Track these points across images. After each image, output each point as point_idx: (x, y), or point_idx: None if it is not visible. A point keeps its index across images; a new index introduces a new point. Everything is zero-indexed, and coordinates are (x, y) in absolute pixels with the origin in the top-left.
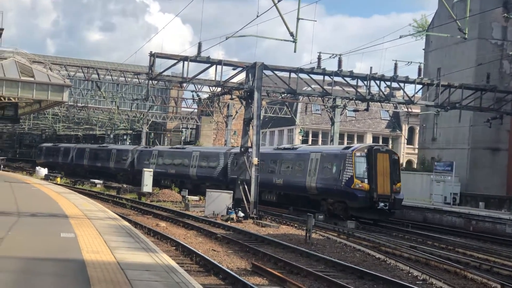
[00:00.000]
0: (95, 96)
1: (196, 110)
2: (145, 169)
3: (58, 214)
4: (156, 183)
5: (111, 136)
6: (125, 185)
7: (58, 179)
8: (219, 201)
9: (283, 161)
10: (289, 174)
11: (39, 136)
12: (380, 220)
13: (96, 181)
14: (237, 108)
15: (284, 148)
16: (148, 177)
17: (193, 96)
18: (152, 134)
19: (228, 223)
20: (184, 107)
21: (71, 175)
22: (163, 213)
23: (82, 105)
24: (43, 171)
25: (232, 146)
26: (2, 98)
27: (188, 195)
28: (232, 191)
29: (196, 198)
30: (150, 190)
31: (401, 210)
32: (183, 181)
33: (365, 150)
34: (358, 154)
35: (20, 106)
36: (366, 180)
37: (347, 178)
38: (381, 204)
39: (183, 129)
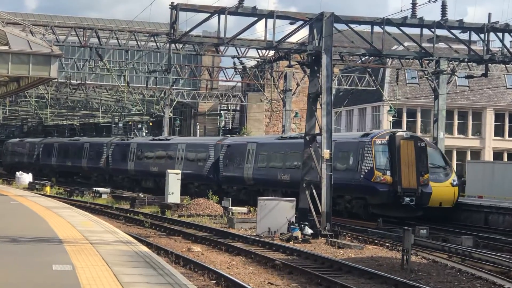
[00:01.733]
0: (95, 68)
1: (239, 85)
2: (169, 170)
3: (48, 238)
4: (135, 185)
5: (120, 124)
6: (141, 195)
7: (48, 188)
8: (276, 213)
9: (289, 153)
10: (297, 169)
11: (19, 128)
12: (406, 217)
13: (101, 189)
14: (299, 80)
15: (290, 138)
16: (174, 182)
17: (234, 64)
18: (179, 120)
19: (291, 244)
20: (222, 81)
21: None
22: (198, 233)
23: (78, 82)
24: (26, 177)
25: (225, 136)
26: None
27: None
28: (294, 199)
29: (244, 209)
30: (178, 201)
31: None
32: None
33: (387, 137)
34: (378, 142)
35: None
36: (388, 172)
37: (367, 170)
38: (407, 199)
39: (223, 112)
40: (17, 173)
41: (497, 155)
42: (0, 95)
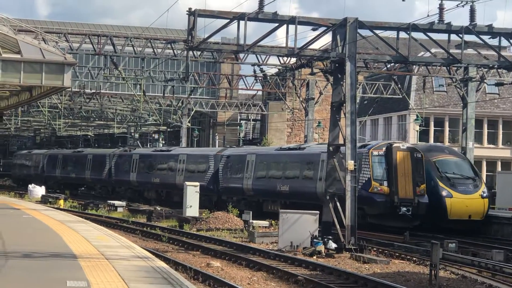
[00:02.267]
0: (110, 77)
1: (260, 93)
2: (187, 183)
3: (62, 253)
4: (138, 196)
5: (136, 135)
6: (158, 208)
7: (61, 202)
8: (299, 226)
9: (288, 164)
10: (296, 180)
11: (32, 140)
12: (403, 227)
13: (117, 202)
14: (321, 88)
15: (289, 149)
16: (192, 194)
17: (255, 72)
18: (197, 130)
19: (314, 259)
20: (242, 89)
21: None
22: (217, 247)
23: (92, 91)
24: (39, 190)
25: (225, 147)
26: None
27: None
28: (317, 212)
29: (265, 223)
30: (197, 214)
31: None
32: (169, 192)
33: (384, 149)
34: (375, 153)
35: (2, 97)
36: (385, 183)
37: (364, 181)
38: (403, 209)
39: (242, 122)
40: (29, 185)
41: None
42: (12, 105)
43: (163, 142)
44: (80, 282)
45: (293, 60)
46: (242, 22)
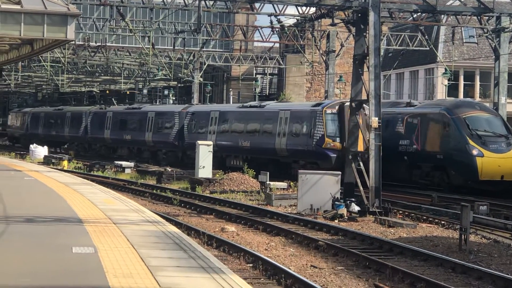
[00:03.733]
0: (116, 29)
1: (277, 46)
2: (200, 142)
3: (67, 217)
4: (112, 152)
5: (144, 91)
6: (169, 169)
7: (65, 163)
8: (319, 188)
9: (250, 121)
10: (256, 136)
11: (33, 96)
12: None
13: (124, 163)
14: (343, 40)
15: (251, 106)
16: (205, 154)
17: (271, 23)
18: (210, 85)
19: (335, 223)
20: (258, 42)
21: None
22: (232, 211)
23: (97, 44)
24: (41, 151)
25: (190, 104)
26: None
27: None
28: (338, 173)
29: (283, 184)
30: (210, 175)
31: None
32: (140, 148)
33: (337, 107)
34: (328, 111)
35: (2, 51)
36: (338, 139)
37: (318, 137)
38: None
39: (258, 76)
40: (31, 146)
41: None
42: (12, 59)
43: (174, 98)
44: (87, 248)
45: (313, 9)
46: None
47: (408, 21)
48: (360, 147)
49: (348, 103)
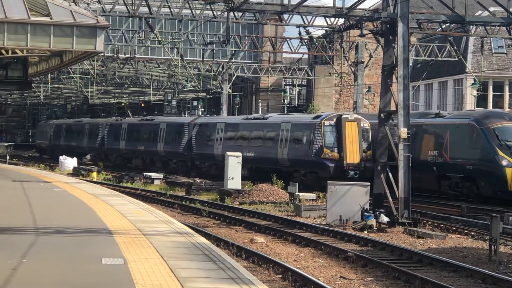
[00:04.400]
0: (145, 41)
1: (306, 57)
2: (229, 153)
3: (97, 228)
4: (127, 162)
5: (173, 102)
6: (198, 180)
7: (94, 174)
8: (348, 199)
9: (253, 132)
10: (259, 147)
11: (62, 108)
12: None
13: (153, 175)
14: (371, 51)
15: (254, 118)
16: (234, 166)
17: (300, 34)
18: (238, 97)
19: (365, 234)
20: (287, 53)
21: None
22: (261, 222)
23: (126, 56)
24: (70, 162)
25: (198, 115)
26: (3, 52)
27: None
28: (368, 183)
29: (312, 195)
30: (239, 187)
31: None
32: (152, 158)
33: (334, 119)
34: (327, 123)
35: (31, 63)
36: (336, 150)
37: (317, 148)
38: (351, 173)
39: (287, 87)
40: (60, 157)
41: None
42: (41, 71)
43: (202, 109)
44: (116, 259)
45: (341, 21)
46: None
47: (437, 31)
48: (356, 159)
49: (345, 115)
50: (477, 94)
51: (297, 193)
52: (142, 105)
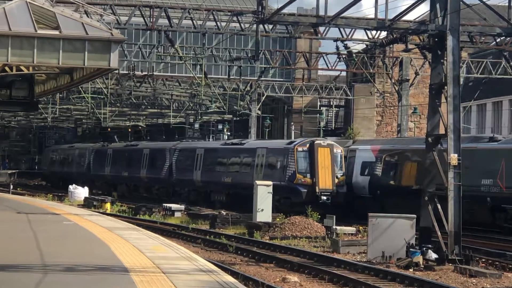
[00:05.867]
0: (165, 56)
1: (344, 74)
2: (258, 182)
3: (111, 265)
4: (112, 189)
5: (196, 125)
6: (223, 212)
7: (108, 205)
8: (392, 233)
9: (231, 157)
10: (236, 172)
11: (72, 132)
12: (324, 214)
13: (173, 206)
14: (417, 67)
15: (232, 144)
16: (264, 196)
17: (337, 49)
18: (269, 119)
19: (410, 272)
20: (323, 70)
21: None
22: (294, 259)
23: (144, 73)
24: (81, 192)
25: (180, 141)
26: (6, 69)
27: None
28: (413, 216)
29: (352, 229)
30: (270, 219)
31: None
32: (136, 185)
33: (307, 145)
34: (300, 149)
35: (38, 81)
36: (308, 175)
37: (290, 174)
38: (323, 198)
39: (323, 108)
40: (70, 186)
41: None
42: (49, 90)
43: (228, 133)
44: None
45: (384, 34)
46: None
47: (491, 46)
48: (329, 184)
49: (318, 141)
50: None
51: (334, 227)
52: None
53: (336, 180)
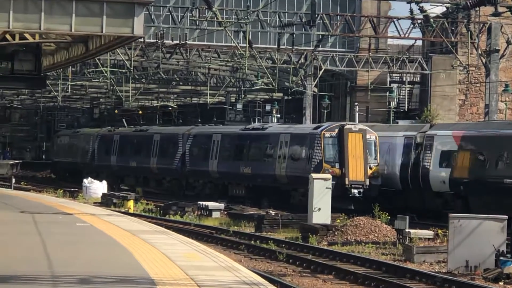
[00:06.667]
0: (201, 22)
1: (420, 43)
2: (314, 175)
3: (134, 277)
4: (119, 182)
5: (238, 106)
6: (272, 212)
7: (131, 203)
8: (477, 238)
9: (251, 145)
10: (258, 161)
11: (88, 113)
12: (355, 210)
13: (211, 204)
14: (510, 36)
15: (253, 129)
16: (321, 192)
17: (412, 12)
18: (327, 98)
19: (500, 286)
20: (393, 38)
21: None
22: (358, 269)
23: (175, 42)
24: (98, 187)
25: (195, 125)
26: (8, 37)
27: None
28: (504, 217)
29: (429, 233)
30: (328, 221)
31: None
32: (146, 177)
33: (336, 130)
34: (327, 135)
35: (46, 52)
36: (337, 165)
37: (316, 163)
38: (354, 191)
39: (394, 86)
40: (84, 180)
41: None
42: (59, 63)
43: (278, 115)
44: None
45: None
46: None
47: None
48: (360, 176)
49: (348, 126)
50: None
51: (407, 230)
52: (139, 112)
53: (369, 171)
